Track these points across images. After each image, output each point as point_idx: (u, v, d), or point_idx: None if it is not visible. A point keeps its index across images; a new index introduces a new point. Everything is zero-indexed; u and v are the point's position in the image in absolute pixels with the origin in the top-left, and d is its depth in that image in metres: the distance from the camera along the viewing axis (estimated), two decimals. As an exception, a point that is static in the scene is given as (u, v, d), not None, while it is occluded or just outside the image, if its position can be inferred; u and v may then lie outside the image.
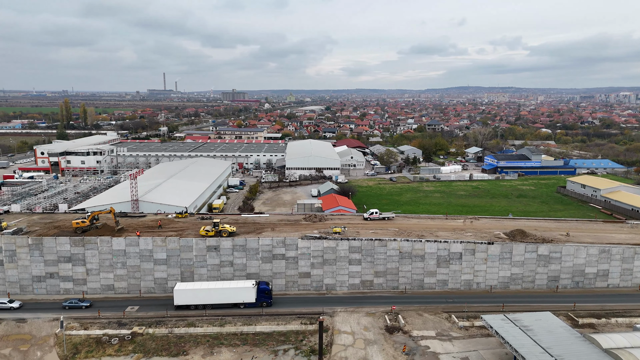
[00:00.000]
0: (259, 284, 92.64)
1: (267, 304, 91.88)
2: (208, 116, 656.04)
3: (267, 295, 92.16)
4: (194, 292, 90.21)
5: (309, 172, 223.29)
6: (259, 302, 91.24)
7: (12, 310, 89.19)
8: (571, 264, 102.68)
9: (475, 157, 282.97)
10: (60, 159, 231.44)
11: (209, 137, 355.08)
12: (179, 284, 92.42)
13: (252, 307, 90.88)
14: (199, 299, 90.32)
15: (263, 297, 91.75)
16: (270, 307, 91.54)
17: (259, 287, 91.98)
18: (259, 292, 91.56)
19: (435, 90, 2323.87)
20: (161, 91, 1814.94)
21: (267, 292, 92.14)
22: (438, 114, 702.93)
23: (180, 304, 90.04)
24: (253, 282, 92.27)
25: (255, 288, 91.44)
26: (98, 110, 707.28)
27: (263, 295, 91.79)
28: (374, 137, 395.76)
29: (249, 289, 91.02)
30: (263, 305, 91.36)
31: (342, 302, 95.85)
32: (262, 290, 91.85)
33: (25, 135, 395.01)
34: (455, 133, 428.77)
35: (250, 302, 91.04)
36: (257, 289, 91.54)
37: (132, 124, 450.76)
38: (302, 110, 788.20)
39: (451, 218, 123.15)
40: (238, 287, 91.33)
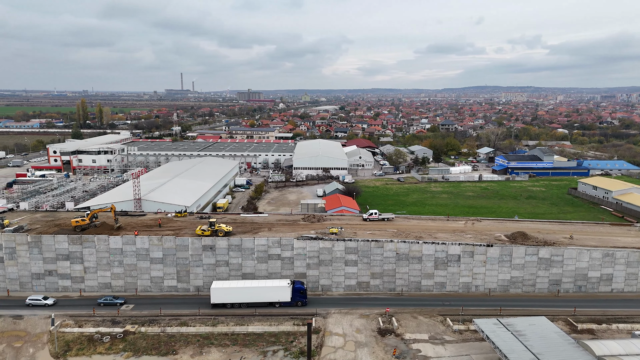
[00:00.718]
0: (294, 283, 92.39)
1: (302, 303, 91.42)
2: (222, 116, 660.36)
3: (302, 294, 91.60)
4: (230, 290, 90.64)
5: (316, 172, 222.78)
6: (294, 302, 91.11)
7: (46, 307, 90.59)
8: (573, 268, 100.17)
9: (487, 157, 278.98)
10: (71, 158, 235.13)
11: (220, 136, 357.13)
12: (216, 283, 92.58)
13: (287, 306, 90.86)
14: (235, 298, 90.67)
15: (298, 297, 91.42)
16: (305, 306, 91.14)
17: (294, 287, 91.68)
18: (294, 291, 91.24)
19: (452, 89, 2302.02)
20: (178, 91, 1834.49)
21: (302, 291, 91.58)
22: (453, 114, 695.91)
23: (217, 302, 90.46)
24: (288, 282, 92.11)
25: (291, 287, 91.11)
26: (115, 110, 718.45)
27: (298, 294, 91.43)
28: (385, 137, 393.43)
29: (284, 288, 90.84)
30: (298, 305, 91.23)
31: (337, 303, 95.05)
32: (297, 290, 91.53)
33: (42, 135, 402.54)
34: (469, 133, 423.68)
35: (285, 301, 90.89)
36: (292, 288, 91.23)
37: (146, 124, 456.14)
38: (316, 110, 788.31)
39: (452, 219, 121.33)
40: (273, 286, 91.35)
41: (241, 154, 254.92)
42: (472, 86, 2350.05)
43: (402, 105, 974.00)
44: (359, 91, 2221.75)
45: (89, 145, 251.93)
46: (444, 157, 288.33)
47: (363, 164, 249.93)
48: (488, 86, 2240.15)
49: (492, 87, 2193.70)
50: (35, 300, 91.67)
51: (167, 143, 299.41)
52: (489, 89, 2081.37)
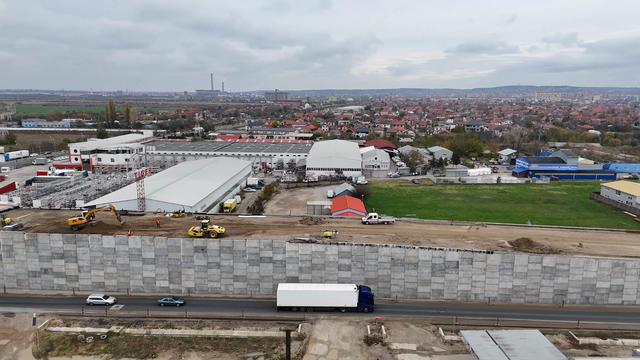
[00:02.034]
0: (361, 289, 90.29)
1: (368, 309, 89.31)
2: (248, 116, 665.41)
3: (369, 300, 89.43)
4: (296, 293, 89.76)
5: (329, 172, 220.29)
6: (360, 307, 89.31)
7: (105, 306, 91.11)
8: (580, 278, 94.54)
9: (509, 159, 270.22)
10: (91, 157, 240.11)
11: (239, 136, 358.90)
12: (282, 285, 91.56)
13: (354, 311, 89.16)
14: (301, 301, 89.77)
15: (365, 302, 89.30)
16: (372, 312, 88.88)
17: (361, 292, 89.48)
18: (361, 296, 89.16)
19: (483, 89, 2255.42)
20: (208, 91, 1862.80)
21: (369, 297, 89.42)
22: (480, 114, 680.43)
23: (283, 305, 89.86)
24: (355, 287, 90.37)
25: (357, 292, 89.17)
26: (144, 110, 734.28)
27: (365, 300, 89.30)
28: (407, 137, 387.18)
29: (351, 294, 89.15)
30: (364, 311, 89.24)
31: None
32: (364, 295, 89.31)
33: (70, 134, 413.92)
34: (494, 134, 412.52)
35: (351, 306, 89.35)
36: (359, 294, 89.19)
37: (170, 124, 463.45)
38: (341, 110, 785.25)
39: (456, 224, 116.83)
40: (340, 290, 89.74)
41: (256, 154, 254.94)
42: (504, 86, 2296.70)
43: (429, 105, 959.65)
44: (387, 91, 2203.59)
45: (108, 145, 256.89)
46: (465, 159, 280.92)
47: (379, 165, 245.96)
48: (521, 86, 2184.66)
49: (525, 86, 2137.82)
50: (96, 299, 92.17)
51: (185, 143, 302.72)
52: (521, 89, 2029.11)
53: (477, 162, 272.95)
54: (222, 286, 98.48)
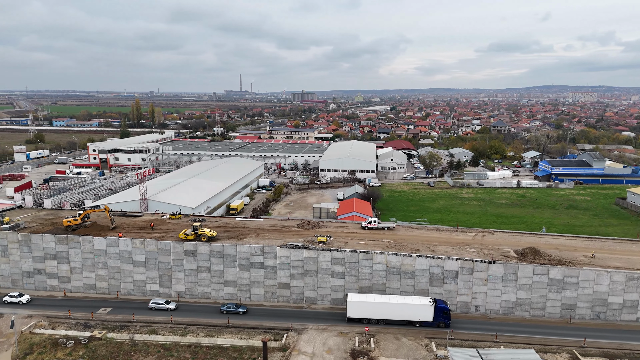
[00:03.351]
0: (437, 303, 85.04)
1: (445, 324, 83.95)
2: (272, 116, 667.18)
3: (446, 315, 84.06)
4: (367, 305, 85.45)
5: (342, 174, 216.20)
6: (436, 322, 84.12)
7: (168, 312, 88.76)
8: (590, 292, 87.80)
9: (533, 162, 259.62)
10: (108, 156, 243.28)
11: (259, 136, 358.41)
12: (352, 295, 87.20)
13: (429, 326, 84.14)
14: (372, 313, 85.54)
15: (441, 317, 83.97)
16: (448, 328, 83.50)
17: (437, 306, 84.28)
18: (437, 311, 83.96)
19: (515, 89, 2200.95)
20: (237, 92, 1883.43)
21: (445, 312, 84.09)
22: (509, 115, 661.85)
23: (353, 316, 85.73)
24: (430, 300, 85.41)
25: (433, 306, 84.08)
26: (171, 110, 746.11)
27: (441, 315, 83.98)
28: (428, 138, 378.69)
29: (426, 307, 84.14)
30: (440, 326, 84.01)
31: (318, 317, 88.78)
32: (441, 310, 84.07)
33: (96, 133, 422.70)
34: (521, 135, 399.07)
35: (426, 321, 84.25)
36: (435, 308, 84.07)
37: (193, 124, 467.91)
38: (366, 110, 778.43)
39: (461, 231, 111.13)
40: (413, 303, 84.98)
41: (271, 155, 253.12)
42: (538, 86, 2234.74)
43: (457, 106, 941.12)
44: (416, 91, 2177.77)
45: (127, 145, 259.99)
46: (486, 161, 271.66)
47: (395, 166, 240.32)
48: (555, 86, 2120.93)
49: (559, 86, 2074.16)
50: (158, 304, 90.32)
51: (203, 143, 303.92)
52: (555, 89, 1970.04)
53: (499, 164, 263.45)
54: (213, 291, 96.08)
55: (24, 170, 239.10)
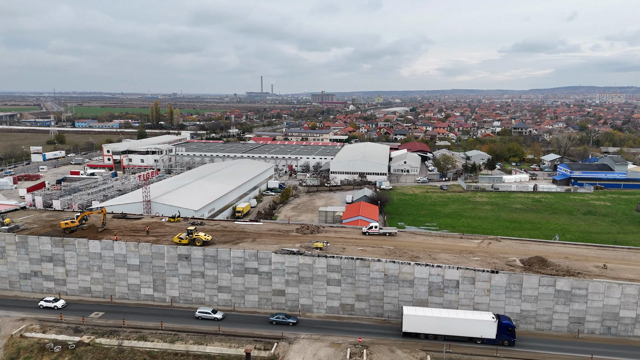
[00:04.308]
0: (500, 319, 79.89)
1: (509, 342, 78.71)
2: (290, 118, 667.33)
3: (511, 332, 78.81)
4: (425, 319, 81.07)
5: (353, 176, 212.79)
6: (499, 340, 78.93)
7: (215, 321, 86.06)
8: (600, 305, 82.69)
9: (552, 165, 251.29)
10: (122, 157, 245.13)
11: (273, 138, 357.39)
12: (408, 309, 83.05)
13: (492, 344, 78.85)
14: (430, 328, 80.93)
15: (505, 335, 78.77)
16: (513, 346, 78.83)
17: (501, 322, 79.10)
18: (501, 327, 78.78)
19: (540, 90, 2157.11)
20: (258, 93, 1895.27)
21: (510, 329, 78.80)
22: (532, 117, 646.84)
23: (409, 331, 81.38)
24: (492, 316, 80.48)
25: (496, 322, 79.00)
26: (191, 111, 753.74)
27: (505, 332, 78.77)
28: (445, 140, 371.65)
29: (488, 323, 79.08)
30: (504, 344, 78.82)
31: (312, 326, 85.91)
32: (505, 327, 78.83)
33: (116, 134, 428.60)
34: (542, 138, 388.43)
35: (489, 337, 79.09)
36: (499, 324, 78.93)
37: (210, 125, 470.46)
38: (385, 111, 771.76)
39: (467, 237, 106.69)
40: (474, 319, 79.95)
41: (282, 157, 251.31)
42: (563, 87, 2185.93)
43: (479, 107, 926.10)
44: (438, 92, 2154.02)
45: (141, 146, 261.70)
46: (504, 164, 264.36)
47: (408, 169, 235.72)
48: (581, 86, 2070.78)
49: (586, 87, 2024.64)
50: (205, 313, 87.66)
51: (217, 144, 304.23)
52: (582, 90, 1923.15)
53: (517, 167, 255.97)
54: (207, 297, 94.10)
55: (40, 170, 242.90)
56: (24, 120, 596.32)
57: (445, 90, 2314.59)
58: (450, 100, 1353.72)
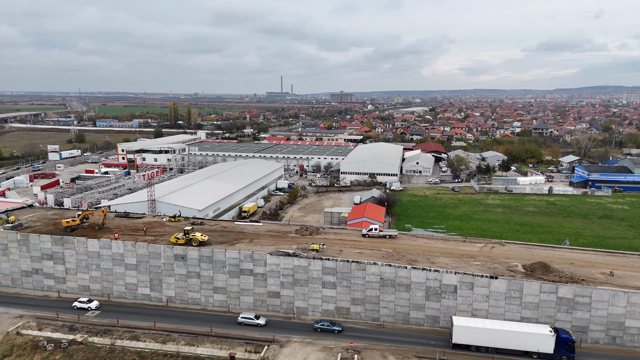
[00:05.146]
0: (559, 332, 75.75)
1: (568, 358, 74.57)
2: (307, 117, 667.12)
3: (570, 348, 74.47)
4: (478, 331, 77.03)
5: (363, 177, 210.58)
6: (557, 355, 74.80)
7: (258, 327, 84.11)
8: (605, 314, 79.24)
9: (570, 167, 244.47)
10: (135, 156, 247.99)
11: (287, 138, 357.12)
12: (458, 319, 79.09)
13: (549, 359, 75.22)
14: (483, 340, 76.98)
15: (564, 350, 74.50)
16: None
17: (559, 337, 74.78)
18: (559, 342, 74.42)
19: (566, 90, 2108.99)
20: (278, 94, 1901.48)
21: (569, 343, 74.50)
22: (554, 117, 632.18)
23: (460, 342, 77.45)
24: (550, 329, 76.28)
25: (555, 336, 74.70)
26: (210, 111, 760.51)
27: (564, 347, 74.45)
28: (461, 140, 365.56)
29: (546, 337, 74.82)
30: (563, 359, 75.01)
31: (306, 330, 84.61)
32: (564, 341, 74.45)
33: (133, 133, 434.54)
34: (563, 138, 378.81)
35: (546, 352, 74.97)
36: (557, 338, 74.64)
37: (226, 125, 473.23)
38: (404, 111, 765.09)
39: (470, 241, 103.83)
40: (531, 332, 75.61)
41: (294, 157, 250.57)
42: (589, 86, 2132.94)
43: (500, 107, 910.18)
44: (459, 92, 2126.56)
45: (156, 145, 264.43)
46: (520, 165, 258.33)
47: (420, 170, 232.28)
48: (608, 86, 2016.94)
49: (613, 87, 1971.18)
50: (247, 319, 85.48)
51: (230, 144, 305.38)
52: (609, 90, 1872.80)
53: (533, 169, 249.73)
54: (202, 297, 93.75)
55: (57, 169, 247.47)
56: (47, 119, 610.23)
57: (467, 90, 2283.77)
58: (471, 100, 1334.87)
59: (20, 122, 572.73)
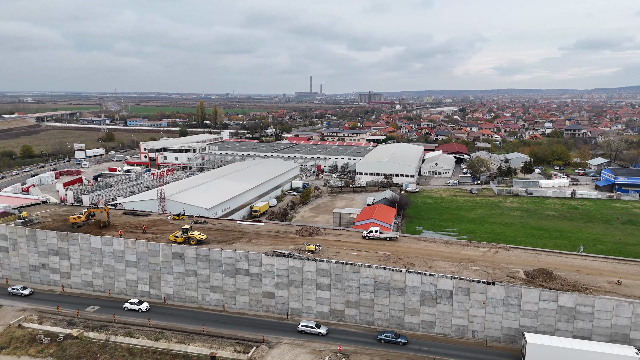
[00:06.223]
0: None
1: None
2: (333, 117, 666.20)
3: None
4: (554, 350, 71.31)
5: (378, 178, 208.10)
6: None
7: (319, 336, 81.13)
8: (608, 324, 75.26)
9: (598, 170, 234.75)
10: (157, 155, 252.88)
11: (309, 138, 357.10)
12: (532, 336, 73.75)
13: None
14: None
15: None
16: None
17: None
18: None
19: (605, 89, 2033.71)
20: (307, 94, 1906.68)
21: None
22: (589, 117, 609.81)
23: None
24: (636, 350, 70.49)
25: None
26: (237, 111, 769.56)
27: None
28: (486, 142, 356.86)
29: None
30: None
31: (297, 331, 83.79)
32: None
33: (159, 133, 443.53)
34: (595, 140, 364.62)
35: None
36: None
37: (250, 125, 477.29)
38: (432, 111, 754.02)
39: (473, 245, 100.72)
40: (614, 353, 70.01)
41: (312, 156, 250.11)
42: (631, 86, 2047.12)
43: (533, 107, 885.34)
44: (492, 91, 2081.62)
45: (176, 144, 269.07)
46: (546, 168, 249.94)
47: (439, 171, 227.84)
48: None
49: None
50: (308, 327, 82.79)
51: (251, 144, 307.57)
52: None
53: (560, 171, 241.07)
54: (199, 296, 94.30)
55: (83, 167, 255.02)
56: (82, 118, 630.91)
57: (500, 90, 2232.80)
58: (504, 100, 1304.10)
59: (56, 121, 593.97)
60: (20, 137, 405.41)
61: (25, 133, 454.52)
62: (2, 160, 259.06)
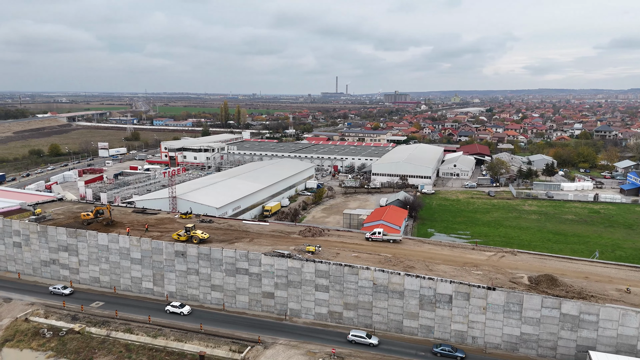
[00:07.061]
0: None
1: None
2: (357, 118, 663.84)
3: None
4: None
5: (394, 179, 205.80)
6: None
7: (371, 347, 77.92)
8: (614, 334, 72.09)
9: (625, 172, 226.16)
10: (177, 154, 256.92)
11: (328, 138, 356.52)
12: (597, 354, 68.97)
13: None
14: None
15: None
16: None
17: None
18: None
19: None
20: (332, 94, 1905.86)
21: None
22: (622, 118, 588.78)
23: None
24: None
25: None
26: (262, 111, 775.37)
27: None
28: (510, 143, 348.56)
29: None
30: None
31: (295, 332, 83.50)
32: None
33: (182, 132, 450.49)
34: (626, 142, 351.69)
35: None
36: None
37: (272, 125, 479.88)
38: (459, 111, 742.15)
39: (479, 249, 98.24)
40: None
41: (328, 157, 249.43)
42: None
43: (564, 108, 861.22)
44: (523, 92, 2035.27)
45: (196, 144, 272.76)
46: (571, 170, 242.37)
47: (458, 172, 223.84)
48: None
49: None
50: (358, 337, 78.92)
51: (270, 144, 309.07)
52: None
53: (585, 174, 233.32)
54: (201, 294, 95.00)
55: (106, 165, 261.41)
56: (111, 118, 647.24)
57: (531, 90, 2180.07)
58: (534, 100, 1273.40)
59: (87, 121, 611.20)
60: (50, 136, 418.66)
61: (56, 132, 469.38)
62: (30, 158, 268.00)
